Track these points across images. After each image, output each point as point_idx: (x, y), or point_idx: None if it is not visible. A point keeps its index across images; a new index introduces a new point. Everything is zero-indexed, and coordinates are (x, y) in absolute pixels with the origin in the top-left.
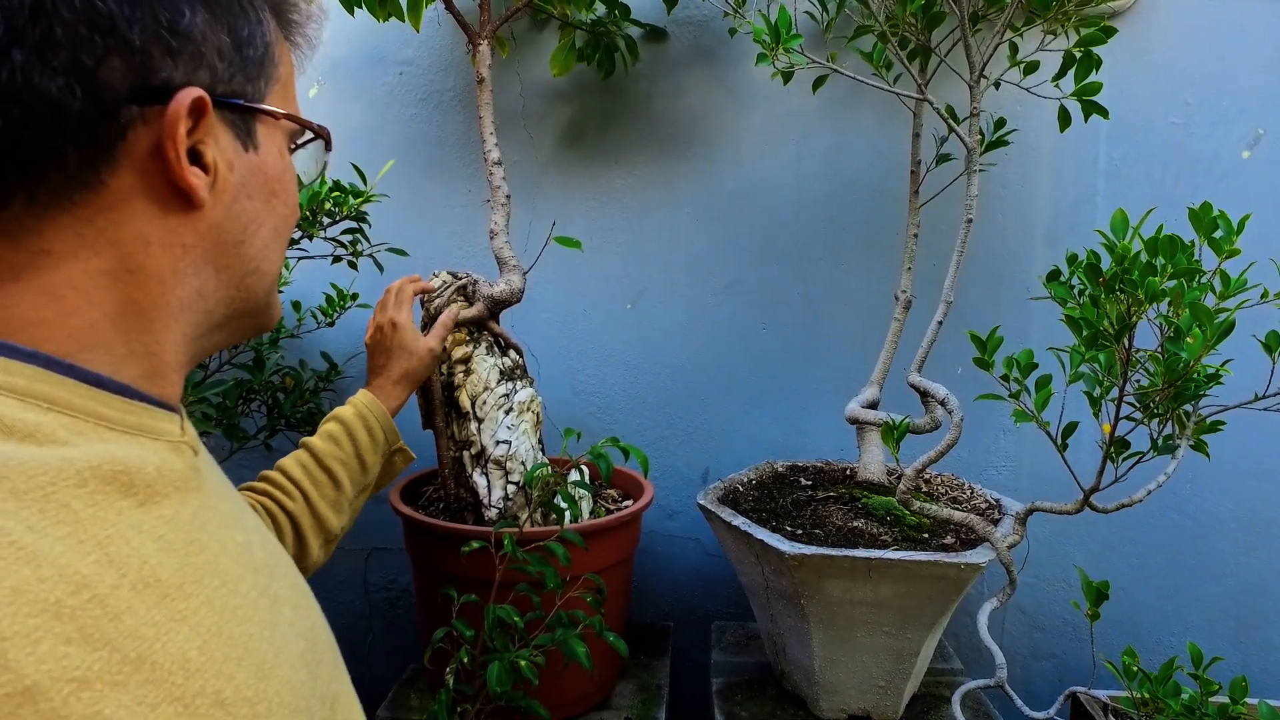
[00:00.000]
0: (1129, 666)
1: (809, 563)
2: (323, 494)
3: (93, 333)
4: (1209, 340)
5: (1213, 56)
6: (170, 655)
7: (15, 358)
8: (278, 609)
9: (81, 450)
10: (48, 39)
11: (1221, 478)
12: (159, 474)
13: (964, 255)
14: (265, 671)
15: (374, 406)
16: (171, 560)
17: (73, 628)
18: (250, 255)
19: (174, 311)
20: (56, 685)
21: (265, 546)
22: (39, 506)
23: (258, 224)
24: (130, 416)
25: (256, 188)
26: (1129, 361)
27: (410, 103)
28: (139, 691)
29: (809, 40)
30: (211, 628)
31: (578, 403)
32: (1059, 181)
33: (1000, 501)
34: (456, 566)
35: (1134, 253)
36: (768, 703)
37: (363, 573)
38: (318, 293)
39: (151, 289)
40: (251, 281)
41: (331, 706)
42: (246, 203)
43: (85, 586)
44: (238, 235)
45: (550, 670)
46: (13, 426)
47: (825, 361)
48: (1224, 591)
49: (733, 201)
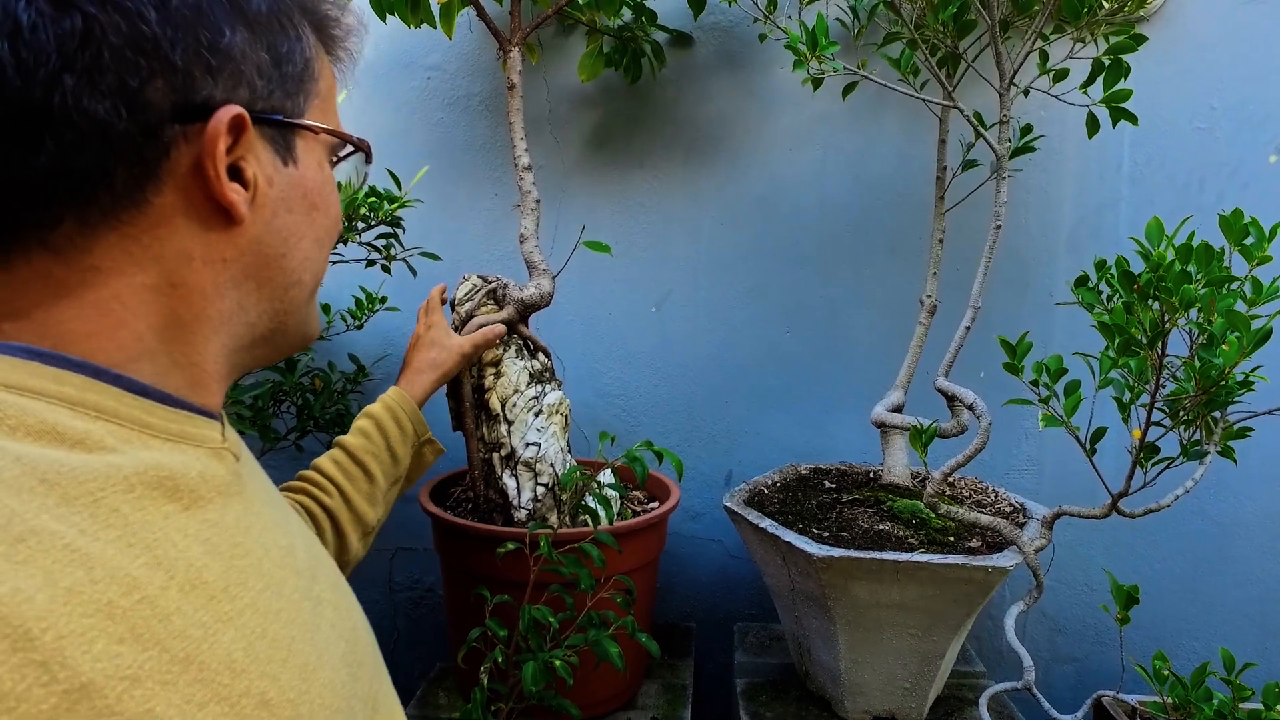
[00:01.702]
0: (1159, 671)
1: (836, 565)
2: (357, 488)
3: (138, 344)
4: (1245, 347)
5: (1239, 60)
6: (217, 656)
7: (66, 368)
8: (320, 611)
9: (129, 457)
10: (96, 63)
11: (1246, 482)
12: (202, 479)
13: (991, 261)
14: (308, 673)
15: (402, 400)
16: (217, 563)
17: (124, 628)
18: (291, 268)
19: (215, 324)
20: (110, 683)
21: (308, 550)
22: (89, 511)
23: (298, 236)
24: (174, 424)
25: (296, 201)
26: (1161, 368)
27: (438, 107)
28: (187, 691)
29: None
30: (256, 629)
31: (602, 405)
32: (1083, 187)
33: (1025, 505)
34: (487, 567)
35: (1168, 260)
36: (792, 703)
37: (388, 572)
38: (347, 296)
39: (194, 303)
40: (295, 294)
41: (373, 707)
42: (286, 216)
43: (136, 588)
44: (279, 249)
45: (582, 671)
46: (64, 433)
47: (848, 365)
48: (1248, 597)
49: (758, 206)
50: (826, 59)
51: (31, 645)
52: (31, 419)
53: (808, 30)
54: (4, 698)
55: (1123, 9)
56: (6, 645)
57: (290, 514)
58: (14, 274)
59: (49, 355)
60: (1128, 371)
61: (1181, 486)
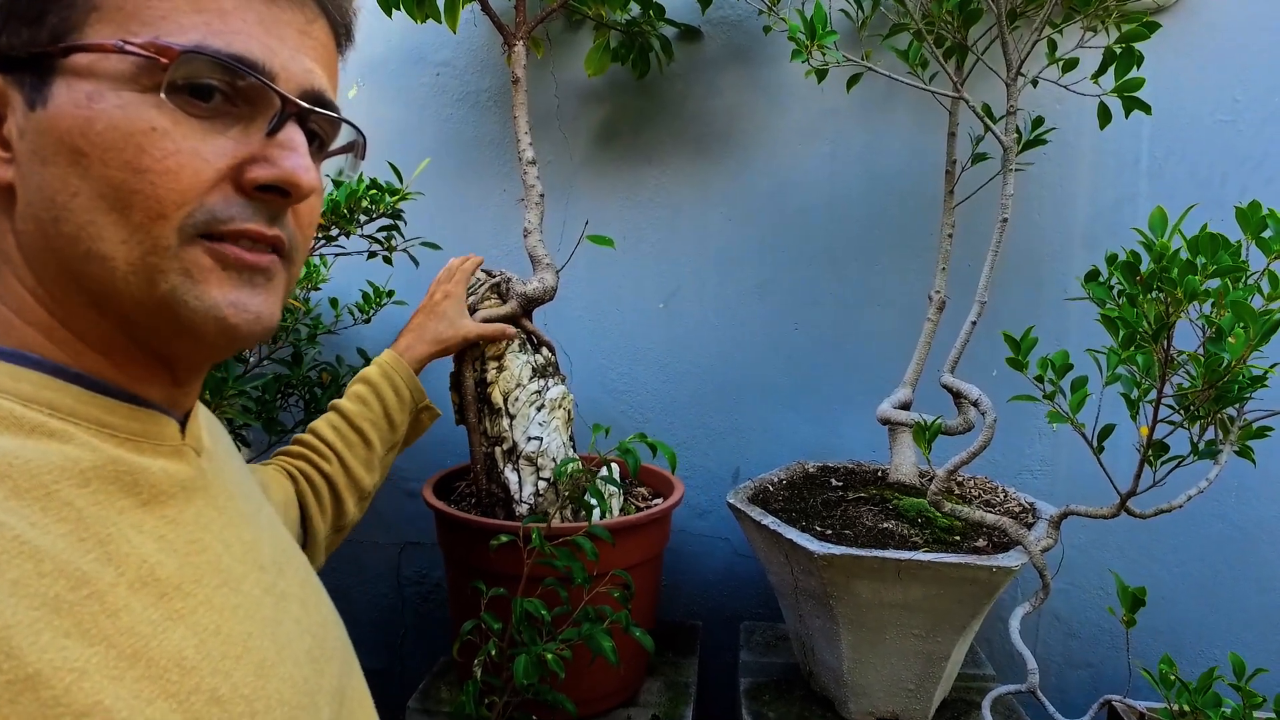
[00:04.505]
0: (1166, 675)
1: (838, 563)
2: (355, 454)
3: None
4: (1252, 340)
5: (1263, 51)
6: (166, 653)
7: (22, 364)
8: (284, 606)
9: (87, 449)
10: None
11: (1269, 485)
12: (165, 474)
13: (999, 256)
14: (265, 669)
15: (398, 365)
16: (171, 560)
17: (70, 622)
18: (70, 235)
19: (58, 303)
20: (58, 674)
21: (276, 545)
22: (41, 505)
23: (69, 193)
24: (134, 423)
25: (49, 150)
26: (1167, 362)
27: (448, 103)
28: (135, 686)
29: (844, 38)
30: (210, 626)
31: (610, 401)
32: (1099, 181)
33: (1035, 505)
34: (486, 560)
35: (1173, 250)
36: (795, 703)
37: (396, 567)
38: (355, 290)
39: (5, 271)
40: (96, 270)
41: (339, 701)
42: (42, 170)
43: (84, 583)
44: (47, 212)
45: (578, 665)
46: (21, 419)
47: (858, 362)
48: (1271, 603)
49: (766, 201)
50: (827, 49)
51: None
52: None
53: (805, 20)
54: None
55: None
56: None
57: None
58: None
59: (5, 352)
60: (1135, 367)
61: (1195, 487)
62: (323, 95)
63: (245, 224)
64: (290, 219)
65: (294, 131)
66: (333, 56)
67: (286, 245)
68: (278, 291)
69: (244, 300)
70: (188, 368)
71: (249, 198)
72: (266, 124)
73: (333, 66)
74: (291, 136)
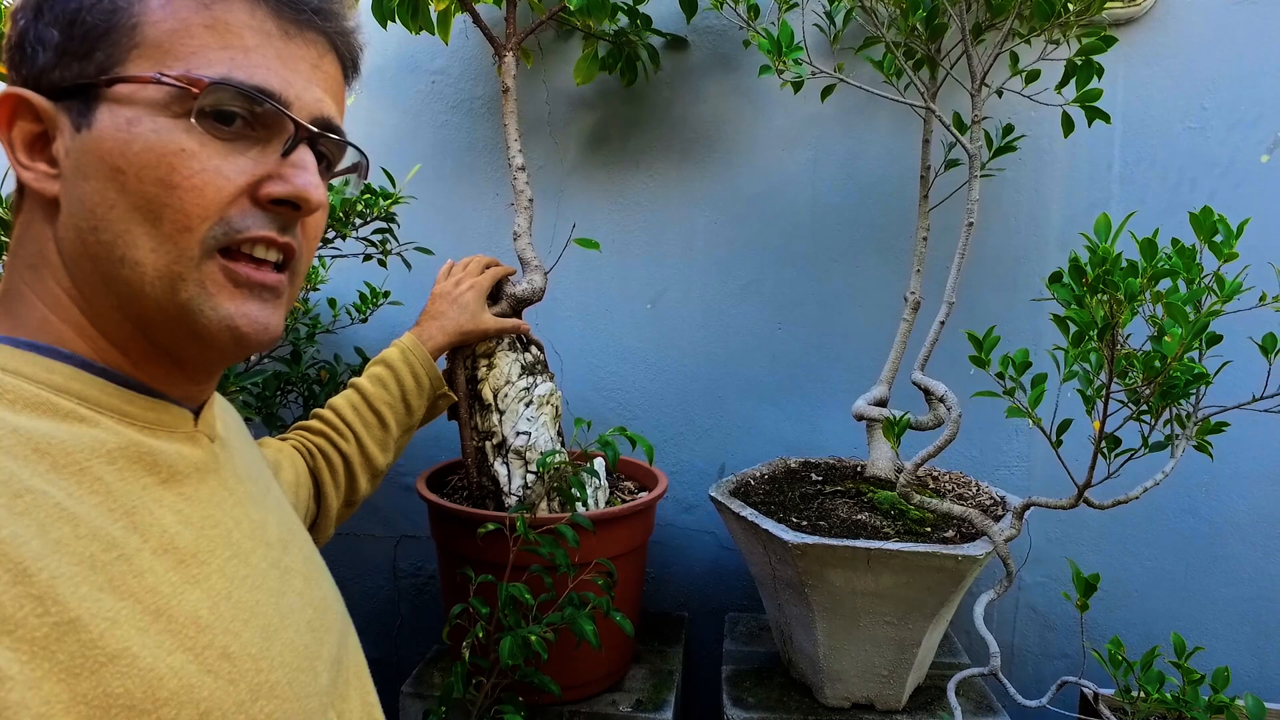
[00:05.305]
0: (1114, 655)
1: (811, 552)
2: (372, 435)
3: (65, 327)
4: (1184, 339)
5: (1230, 60)
6: (184, 611)
7: (56, 359)
8: (288, 580)
9: (112, 433)
10: None
11: (1238, 481)
12: (180, 457)
13: (965, 258)
14: (270, 633)
15: (418, 351)
16: (188, 531)
17: (104, 578)
18: (108, 243)
19: (85, 305)
20: (95, 621)
21: (282, 524)
22: (76, 479)
23: (106, 206)
24: (151, 413)
25: (91, 167)
26: (1114, 359)
27: (442, 110)
28: (157, 638)
29: (820, 50)
30: (222, 591)
31: (599, 399)
32: (1072, 186)
33: (1004, 499)
34: (475, 549)
35: (1116, 254)
36: (775, 690)
37: (392, 559)
38: (352, 291)
39: (46, 274)
40: (128, 274)
41: (337, 669)
42: (84, 185)
43: (114, 546)
44: (87, 221)
45: (563, 650)
46: (57, 407)
47: (840, 361)
48: (1240, 596)
49: (751, 205)
50: (794, 63)
51: (29, 580)
52: (28, 393)
53: (771, 37)
54: (5, 620)
55: (1089, 9)
56: (8, 578)
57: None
58: None
59: (42, 347)
60: (1088, 364)
61: (1151, 479)
62: (331, 121)
63: (260, 231)
64: (299, 230)
65: (305, 153)
66: (341, 87)
67: (295, 253)
68: (283, 306)
69: (253, 312)
70: (199, 368)
71: (264, 209)
72: (281, 146)
73: (341, 96)
74: (303, 157)
